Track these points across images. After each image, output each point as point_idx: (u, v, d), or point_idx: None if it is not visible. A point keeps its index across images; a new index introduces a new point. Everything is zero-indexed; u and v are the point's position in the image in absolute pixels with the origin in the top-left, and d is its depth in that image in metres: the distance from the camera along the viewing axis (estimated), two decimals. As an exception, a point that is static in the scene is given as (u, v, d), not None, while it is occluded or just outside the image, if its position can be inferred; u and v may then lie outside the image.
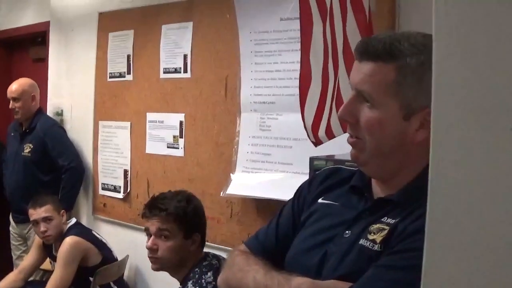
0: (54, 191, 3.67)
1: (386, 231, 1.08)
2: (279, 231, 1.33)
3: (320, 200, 1.28)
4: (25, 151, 3.83)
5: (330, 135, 2.09)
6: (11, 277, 3.25)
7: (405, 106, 1.08)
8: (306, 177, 2.63)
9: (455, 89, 0.62)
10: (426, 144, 1.11)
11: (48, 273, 3.42)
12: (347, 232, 1.16)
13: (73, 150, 3.88)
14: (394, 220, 1.09)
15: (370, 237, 1.10)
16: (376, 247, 1.08)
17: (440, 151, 0.63)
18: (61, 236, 3.15)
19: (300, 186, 1.40)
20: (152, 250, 2.22)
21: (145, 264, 3.51)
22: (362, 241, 1.11)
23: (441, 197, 0.64)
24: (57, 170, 3.79)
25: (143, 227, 3.47)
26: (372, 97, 1.10)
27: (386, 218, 1.11)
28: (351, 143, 1.18)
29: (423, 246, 0.99)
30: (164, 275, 2.51)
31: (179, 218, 2.20)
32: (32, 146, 3.82)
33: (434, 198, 0.64)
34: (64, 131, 4.01)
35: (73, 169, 3.77)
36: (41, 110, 4.00)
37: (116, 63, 3.70)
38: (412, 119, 1.09)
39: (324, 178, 1.33)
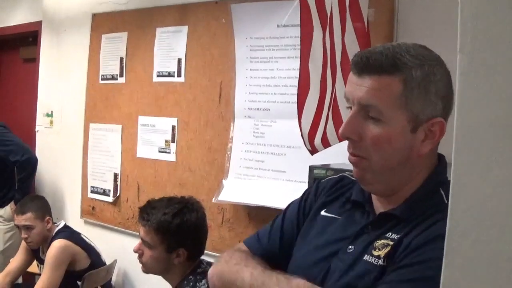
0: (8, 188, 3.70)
1: (390, 246, 1.07)
2: (284, 235, 1.30)
3: (322, 213, 1.26)
4: None
5: (325, 143, 2.08)
6: (-4, 280, 3.19)
7: (413, 119, 1.07)
8: (299, 185, 2.64)
9: (479, 102, 0.61)
10: (429, 155, 1.12)
11: (29, 275, 3.38)
12: (350, 247, 1.14)
13: (19, 144, 3.82)
14: (398, 235, 1.08)
15: (375, 253, 1.08)
16: (380, 262, 1.06)
17: (463, 165, 0.62)
18: (48, 240, 3.10)
19: (306, 191, 1.36)
20: (138, 254, 2.20)
21: (133, 269, 3.48)
22: (366, 257, 1.09)
23: (462, 212, 0.63)
24: (8, 167, 3.74)
25: (132, 232, 3.47)
26: (380, 111, 1.06)
27: (390, 233, 1.10)
28: (353, 162, 1.13)
29: (428, 258, 0.99)
30: (152, 281, 2.47)
31: (160, 232, 2.13)
32: None
33: (455, 213, 0.63)
34: (4, 127, 3.90)
35: (27, 160, 3.75)
36: None
37: (109, 65, 3.67)
38: (418, 131, 1.08)
39: (329, 188, 1.31)
